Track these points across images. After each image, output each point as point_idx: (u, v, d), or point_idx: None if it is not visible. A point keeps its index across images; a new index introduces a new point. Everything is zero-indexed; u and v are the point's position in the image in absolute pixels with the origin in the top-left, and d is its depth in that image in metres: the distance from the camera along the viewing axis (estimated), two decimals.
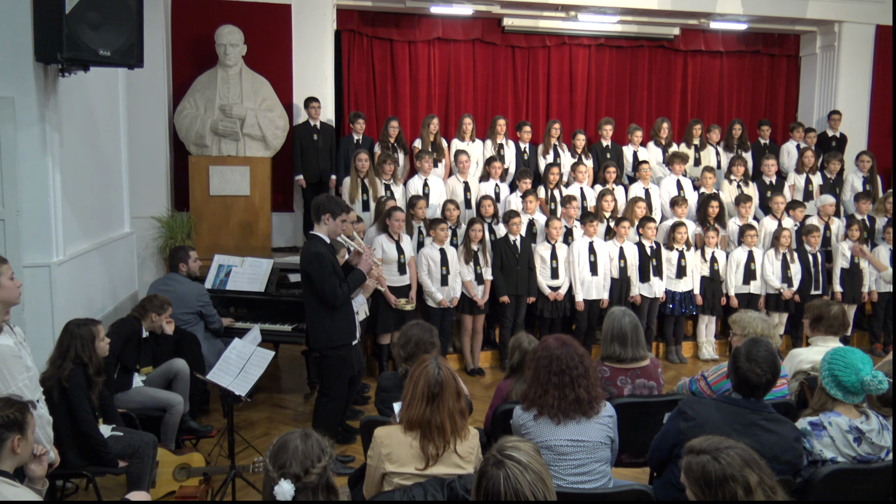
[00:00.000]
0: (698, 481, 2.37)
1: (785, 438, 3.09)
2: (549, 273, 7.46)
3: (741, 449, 2.38)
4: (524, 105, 10.13)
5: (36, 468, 3.18)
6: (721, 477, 2.33)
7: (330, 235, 4.99)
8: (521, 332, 4.32)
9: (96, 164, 6.22)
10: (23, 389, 3.27)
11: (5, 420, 2.88)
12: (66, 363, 4.13)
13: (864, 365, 3.24)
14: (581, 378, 3.23)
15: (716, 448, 2.39)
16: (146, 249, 8.06)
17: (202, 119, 8.22)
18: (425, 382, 3.04)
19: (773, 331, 4.14)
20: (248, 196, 8.37)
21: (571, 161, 8.86)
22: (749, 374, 3.15)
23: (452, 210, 7.39)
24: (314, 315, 4.99)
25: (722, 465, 2.34)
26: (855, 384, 3.23)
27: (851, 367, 3.25)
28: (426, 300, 7.08)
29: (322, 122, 8.73)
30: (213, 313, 6.02)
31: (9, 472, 2.88)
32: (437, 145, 8.61)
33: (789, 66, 10.99)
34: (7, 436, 2.87)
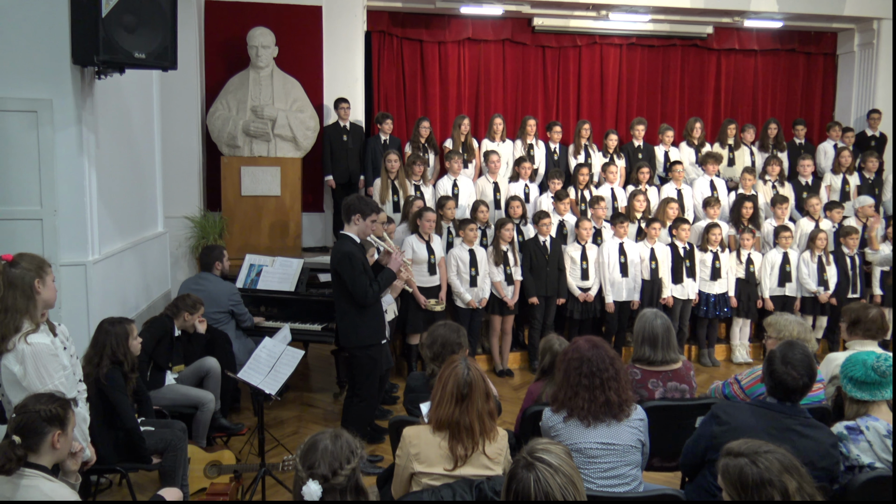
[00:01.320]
0: (735, 484, 2.34)
1: (821, 444, 3.03)
2: (579, 274, 7.41)
3: (781, 454, 2.34)
4: (554, 105, 10.09)
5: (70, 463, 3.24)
6: (758, 481, 2.29)
7: (360, 235, 5.01)
8: (552, 333, 4.29)
9: (131, 165, 6.32)
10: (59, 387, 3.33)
11: (48, 414, 2.92)
12: (104, 361, 4.21)
13: (868, 355, 3.28)
14: (611, 380, 3.20)
15: (754, 452, 2.35)
16: (179, 249, 8.16)
17: (234, 120, 8.31)
18: (454, 383, 3.04)
19: (810, 334, 4.07)
20: (279, 196, 8.44)
21: (602, 161, 8.80)
22: (785, 377, 3.10)
23: (482, 211, 7.38)
24: (344, 314, 5.01)
25: (760, 469, 2.31)
26: (868, 374, 3.22)
27: (859, 362, 3.30)
28: (455, 301, 7.07)
29: (352, 123, 8.77)
30: (244, 312, 6.08)
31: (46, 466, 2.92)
32: (467, 146, 8.61)
33: (826, 64, 10.80)
34: (48, 430, 2.91)
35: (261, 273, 6.55)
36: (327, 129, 8.71)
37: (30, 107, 4.86)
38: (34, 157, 4.89)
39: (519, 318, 7.56)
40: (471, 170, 8.62)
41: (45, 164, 4.92)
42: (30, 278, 3.36)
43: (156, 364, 5.10)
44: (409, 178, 7.84)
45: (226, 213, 8.34)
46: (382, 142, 8.63)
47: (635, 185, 8.39)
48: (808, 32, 10.56)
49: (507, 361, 7.45)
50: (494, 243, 7.20)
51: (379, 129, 8.76)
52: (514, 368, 7.48)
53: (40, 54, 4.83)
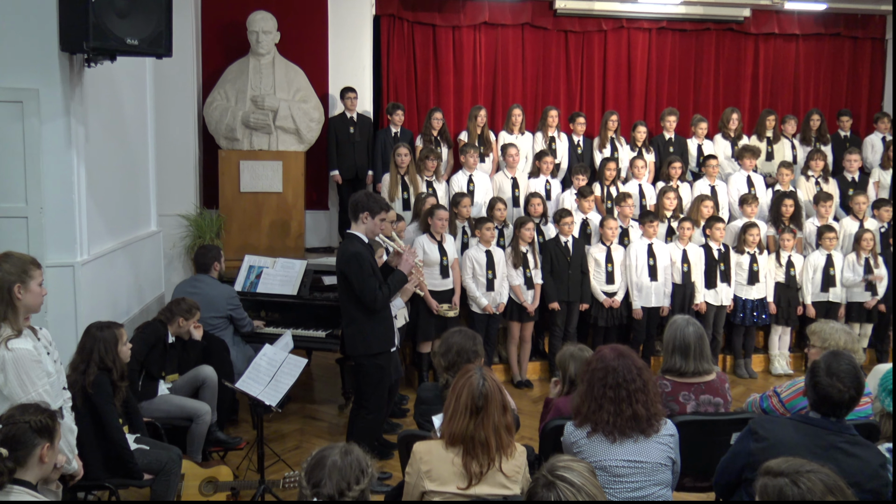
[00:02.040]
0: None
1: (869, 464, 3.00)
2: (604, 277, 7.39)
3: (825, 474, 2.32)
4: (578, 95, 10.06)
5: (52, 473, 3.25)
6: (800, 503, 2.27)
7: (368, 235, 5.01)
8: (565, 345, 4.30)
9: (122, 159, 6.35)
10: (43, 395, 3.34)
11: (38, 425, 2.93)
12: (91, 368, 4.23)
13: None
14: (639, 392, 3.19)
15: (796, 471, 2.33)
16: (173, 249, 8.21)
17: (233, 111, 8.35)
18: (469, 394, 3.03)
19: (857, 344, 4.04)
20: (281, 193, 8.46)
21: (630, 155, 8.77)
22: (829, 389, 3.07)
23: (500, 208, 7.37)
24: (351, 320, 5.01)
25: (801, 490, 2.29)
26: None
27: None
28: (470, 306, 7.07)
29: (359, 114, 8.78)
30: (243, 316, 6.10)
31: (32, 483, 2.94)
32: (483, 138, 8.60)
33: (874, 49, 10.70)
34: (37, 442, 2.92)
35: (261, 275, 6.56)
36: (333, 121, 8.73)
37: (14, 97, 4.90)
38: (19, 150, 4.93)
39: (539, 325, 7.54)
40: (487, 164, 8.61)
41: (30, 159, 4.95)
42: (8, 283, 3.37)
43: (148, 373, 5.12)
44: (420, 173, 7.84)
45: (223, 211, 8.37)
46: (392, 134, 8.64)
47: (665, 181, 8.35)
48: (854, 15, 10.47)
49: (526, 372, 7.43)
50: (513, 244, 7.19)
51: (388, 121, 8.76)
52: (533, 379, 7.47)
53: (26, 40, 4.87)
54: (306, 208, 8.83)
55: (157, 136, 7.29)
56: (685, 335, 3.95)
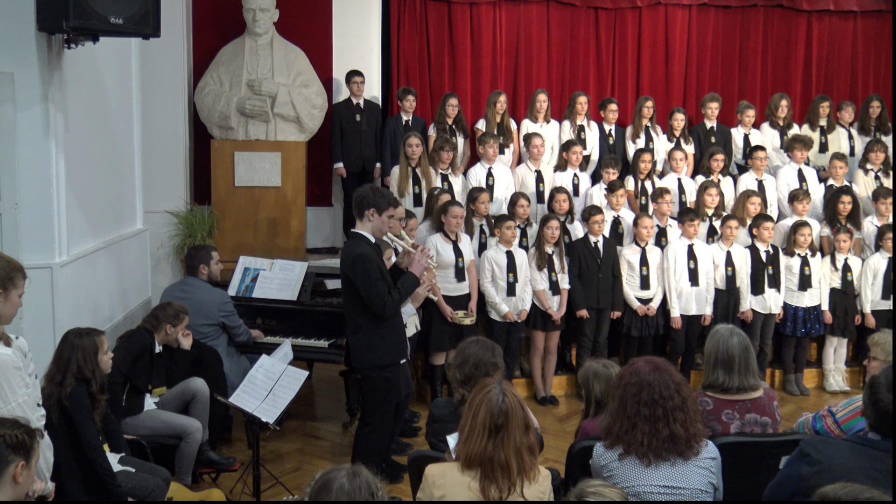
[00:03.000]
0: None
1: None
2: (638, 282, 7.37)
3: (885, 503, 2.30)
4: (609, 79, 10.03)
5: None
6: None
7: (375, 234, 5.01)
8: (588, 360, 4.30)
9: (105, 150, 6.39)
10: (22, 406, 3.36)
11: (14, 440, 2.93)
12: (68, 379, 4.24)
13: None
14: (677, 410, 3.18)
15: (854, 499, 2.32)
16: (161, 249, 8.24)
17: (227, 97, 8.38)
18: (487, 411, 3.02)
19: None
20: (280, 187, 8.49)
21: (667, 146, 8.74)
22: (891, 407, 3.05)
23: (522, 205, 7.36)
24: (357, 328, 5.02)
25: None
26: None
27: None
28: (489, 313, 7.06)
29: (366, 101, 8.79)
30: (238, 324, 6.12)
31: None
32: (504, 127, 8.60)
33: None
34: (12, 459, 2.92)
35: (257, 278, 6.59)
36: (337, 108, 8.75)
37: None
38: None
39: (565, 335, 7.53)
40: (508, 156, 8.60)
41: (4, 149, 4.99)
42: None
43: (133, 386, 5.14)
44: (434, 165, 7.85)
45: (216, 208, 8.41)
46: (403, 123, 8.64)
47: (707, 175, 8.33)
48: None
49: (551, 387, 7.42)
50: (536, 244, 7.18)
51: (399, 108, 8.77)
52: (559, 395, 7.45)
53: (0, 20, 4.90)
54: (307, 204, 8.84)
55: (144, 124, 7.33)
56: (729, 347, 3.93)
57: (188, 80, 8.68)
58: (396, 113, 8.88)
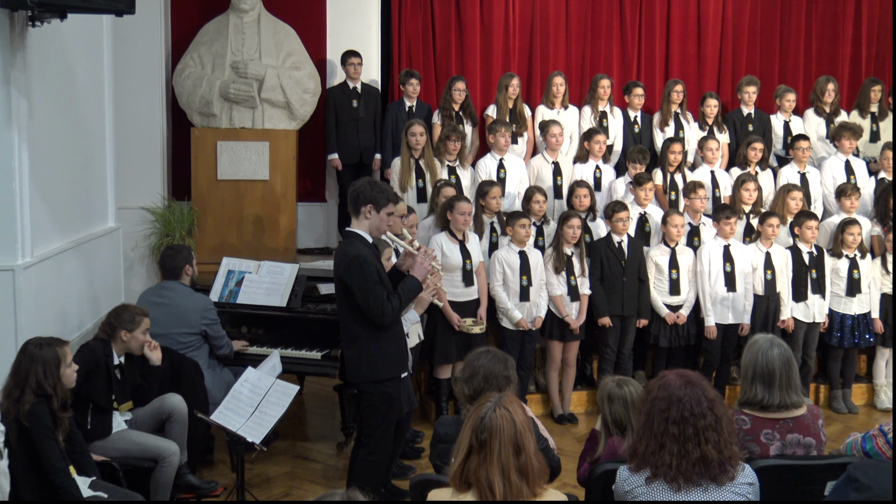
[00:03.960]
0: None
1: None
2: (667, 287, 7.35)
3: None
4: (635, 60, 10.02)
5: None
6: None
7: (372, 233, 5.01)
8: (606, 377, 4.29)
9: (74, 140, 6.40)
10: None
11: None
12: (27, 395, 4.23)
13: None
14: (709, 430, 3.17)
15: None
16: (135, 250, 8.26)
17: (209, 80, 8.39)
18: (471, 425, 3.05)
19: None
20: (267, 181, 8.49)
21: (699, 135, 8.73)
22: None
23: (538, 200, 7.35)
24: (353, 338, 5.01)
25: None
26: None
27: None
28: (500, 321, 7.06)
29: (364, 85, 8.80)
30: (220, 334, 6.11)
31: None
32: (517, 114, 8.59)
33: None
34: None
35: (242, 282, 6.58)
36: (332, 93, 8.75)
37: None
38: None
39: (586, 346, 7.52)
40: (522, 146, 8.60)
41: None
42: None
43: (96, 406, 5.09)
44: (439, 156, 7.85)
45: (196, 204, 8.41)
46: (405, 109, 8.65)
47: (743, 167, 8.32)
48: None
49: (570, 403, 7.41)
50: (554, 244, 7.17)
51: (400, 93, 8.77)
52: (578, 412, 7.44)
53: None
54: (298, 200, 8.84)
55: (117, 111, 7.33)
56: (769, 359, 3.93)
57: (166, 62, 8.69)
58: (398, 98, 8.87)
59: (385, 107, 8.90)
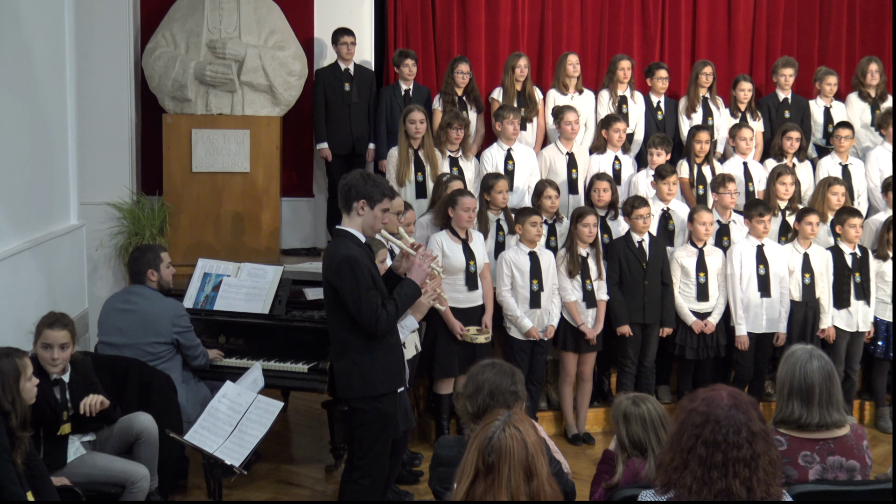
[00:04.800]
0: None
1: None
2: (695, 292, 7.35)
3: None
4: (658, 39, 10.02)
5: None
6: None
7: (366, 232, 5.01)
8: (620, 395, 4.28)
9: (32, 128, 6.39)
10: None
11: None
12: None
13: None
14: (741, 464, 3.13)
15: None
16: (100, 250, 8.25)
17: (182, 61, 8.37)
18: (477, 446, 3.03)
19: None
20: (248, 173, 8.48)
21: (730, 122, 8.73)
22: None
23: (550, 195, 7.35)
24: (343, 349, 5.01)
25: None
26: None
27: None
28: (508, 329, 7.06)
29: (357, 66, 8.79)
30: (194, 343, 6.10)
31: None
32: (526, 98, 8.59)
33: None
34: None
35: (220, 286, 6.58)
36: (320, 75, 8.75)
37: None
38: None
39: (603, 358, 7.52)
40: (532, 134, 8.60)
41: None
42: None
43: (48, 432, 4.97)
44: (440, 146, 7.83)
45: (169, 199, 8.41)
46: (402, 93, 8.64)
47: (779, 159, 8.32)
48: None
49: (585, 422, 7.40)
50: (568, 245, 7.17)
51: (396, 75, 8.76)
52: (595, 432, 7.44)
53: None
54: (282, 195, 8.83)
55: (80, 95, 7.32)
56: (807, 373, 3.91)
57: (135, 41, 8.68)
58: (394, 81, 8.87)
59: (379, 91, 8.89)
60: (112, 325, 6.00)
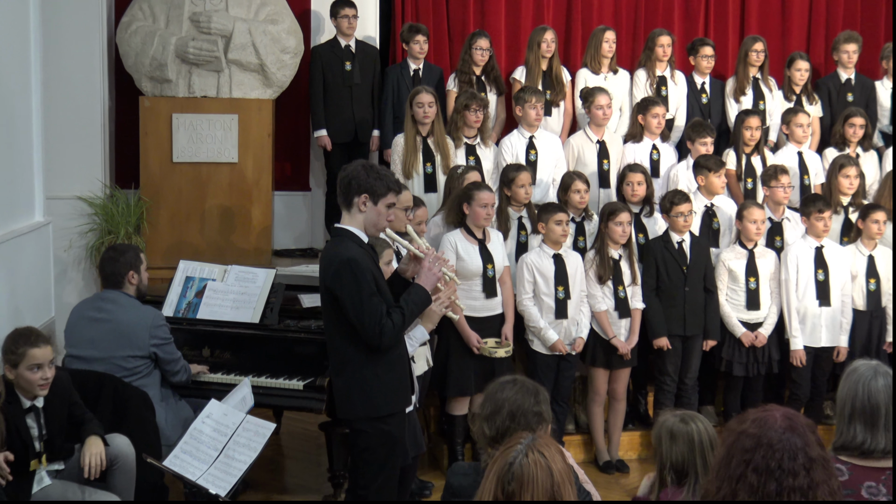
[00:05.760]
0: None
1: None
2: (744, 299, 7.34)
3: None
4: (702, 11, 10.01)
5: None
6: None
7: (368, 230, 5.01)
8: (665, 412, 4.27)
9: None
10: None
11: None
12: None
13: None
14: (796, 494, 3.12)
15: None
16: (69, 251, 8.25)
17: (162, 37, 8.38)
18: (496, 473, 3.03)
19: None
20: (236, 164, 8.49)
21: (784, 106, 8.72)
22: None
23: (578, 190, 7.34)
24: (344, 363, 5.02)
25: None
26: None
27: None
28: (530, 342, 7.05)
29: (360, 42, 8.79)
30: (175, 357, 6.10)
31: None
32: (553, 78, 8.59)
33: None
34: None
35: (204, 292, 6.59)
36: (318, 53, 8.76)
37: None
38: None
39: (638, 375, 7.52)
40: (558, 119, 8.61)
41: None
42: None
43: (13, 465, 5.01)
44: (455, 133, 7.82)
45: (147, 193, 8.42)
46: (411, 73, 8.65)
47: (840, 148, 8.31)
48: None
49: (618, 447, 7.39)
50: (598, 246, 7.16)
51: (406, 53, 8.76)
52: (629, 458, 7.44)
53: None
54: (275, 189, 8.85)
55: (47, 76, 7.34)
56: (872, 392, 3.90)
57: (108, 15, 8.69)
58: (401, 59, 8.87)
59: (384, 70, 8.89)
60: (82, 335, 5.96)
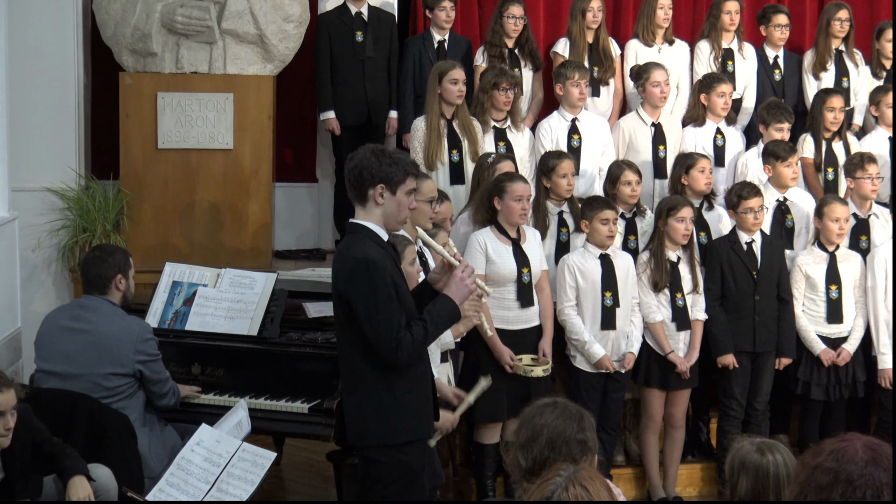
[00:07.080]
0: None
1: None
2: (824, 311, 7.34)
3: None
4: None
5: None
6: None
7: (389, 225, 4.99)
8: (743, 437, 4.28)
9: None
10: None
11: None
12: None
13: None
14: None
15: None
16: (38, 251, 8.29)
17: (146, 3, 8.41)
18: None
19: None
20: (232, 151, 8.51)
21: (872, 84, 8.72)
22: None
23: (628, 181, 7.36)
24: (356, 383, 5.04)
25: None
26: None
27: None
28: (572, 359, 7.08)
29: (373, 9, 8.80)
30: (163, 376, 6.11)
31: None
32: (599, 52, 8.61)
33: None
34: None
35: (193, 300, 6.63)
36: (325, 22, 8.79)
37: None
38: None
39: (699, 397, 7.54)
40: (607, 100, 8.64)
41: None
42: None
43: None
44: (479, 116, 7.85)
45: (128, 184, 8.45)
46: (434, 46, 8.69)
47: None
48: None
49: (676, 481, 7.40)
50: (653, 247, 7.19)
51: (428, 22, 8.78)
52: (689, 495, 7.46)
53: None
54: (276, 180, 8.87)
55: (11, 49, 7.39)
56: None
57: None
58: (423, 29, 8.91)
59: (403, 42, 8.92)
60: (56, 348, 5.95)
